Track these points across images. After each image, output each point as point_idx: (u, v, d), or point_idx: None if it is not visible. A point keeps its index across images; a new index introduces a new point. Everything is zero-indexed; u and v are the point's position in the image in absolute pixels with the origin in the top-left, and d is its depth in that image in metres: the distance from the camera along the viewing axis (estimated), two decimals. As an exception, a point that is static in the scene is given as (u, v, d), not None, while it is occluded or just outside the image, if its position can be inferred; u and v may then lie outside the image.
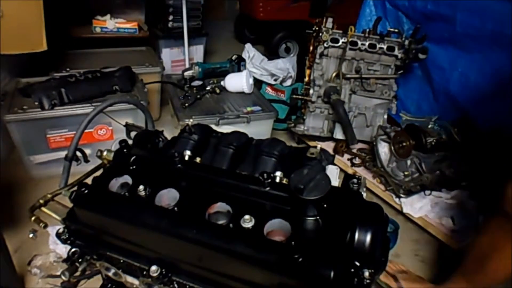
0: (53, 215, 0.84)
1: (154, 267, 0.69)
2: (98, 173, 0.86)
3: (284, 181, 0.72)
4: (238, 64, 2.35)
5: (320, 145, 0.83)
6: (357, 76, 1.92)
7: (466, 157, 1.60)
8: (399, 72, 1.95)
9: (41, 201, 0.86)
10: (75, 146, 1.03)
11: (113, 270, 0.80)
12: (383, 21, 2.10)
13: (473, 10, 1.67)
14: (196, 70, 2.26)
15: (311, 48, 2.00)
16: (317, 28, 1.93)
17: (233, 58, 2.36)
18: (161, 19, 2.89)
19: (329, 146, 2.05)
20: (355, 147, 2.02)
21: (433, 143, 1.57)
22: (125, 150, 0.86)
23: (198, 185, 0.76)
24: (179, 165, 0.78)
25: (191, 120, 0.95)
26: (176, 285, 0.73)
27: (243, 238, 0.64)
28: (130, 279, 0.80)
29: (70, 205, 0.78)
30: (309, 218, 0.65)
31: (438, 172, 1.61)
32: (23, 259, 1.43)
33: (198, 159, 0.83)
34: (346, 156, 2.00)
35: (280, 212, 0.68)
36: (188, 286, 0.72)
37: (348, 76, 1.94)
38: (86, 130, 1.08)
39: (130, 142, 0.90)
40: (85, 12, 2.82)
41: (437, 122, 1.74)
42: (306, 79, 2.06)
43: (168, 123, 2.34)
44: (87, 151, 1.11)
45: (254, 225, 0.65)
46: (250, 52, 2.66)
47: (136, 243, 0.73)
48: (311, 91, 1.97)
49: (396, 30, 1.92)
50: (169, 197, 0.74)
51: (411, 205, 1.64)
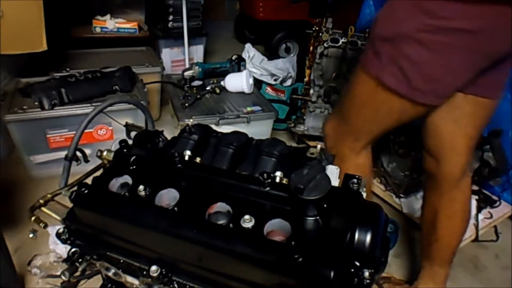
0: (53, 215, 0.84)
1: (154, 267, 0.69)
2: (98, 173, 0.86)
3: (284, 181, 0.72)
4: (238, 64, 2.35)
5: (320, 145, 0.83)
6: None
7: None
8: (399, 72, 1.95)
9: (41, 201, 0.86)
10: (75, 146, 1.03)
11: (113, 270, 0.80)
12: (383, 21, 2.10)
13: (473, 10, 1.67)
14: (196, 70, 2.26)
15: (311, 48, 2.00)
16: (317, 28, 1.93)
17: (233, 58, 2.36)
18: (161, 19, 2.89)
19: (329, 146, 2.05)
20: (355, 147, 2.01)
21: (433, 143, 1.57)
22: (125, 150, 0.86)
23: (198, 185, 0.76)
24: (179, 165, 0.78)
25: (191, 120, 0.95)
26: (176, 285, 0.73)
27: (243, 238, 0.64)
28: (130, 279, 0.80)
29: (70, 205, 0.78)
30: (309, 218, 0.65)
31: (438, 172, 1.61)
32: (23, 259, 1.43)
33: (198, 159, 0.83)
34: (346, 156, 2.00)
35: (280, 212, 0.68)
36: (188, 286, 0.72)
37: (348, 76, 1.95)
38: (86, 130, 1.08)
39: (130, 142, 0.90)
40: (85, 12, 2.82)
41: (437, 122, 1.74)
42: (306, 79, 2.06)
43: (168, 123, 2.34)
44: (87, 151, 1.11)
45: (254, 225, 0.65)
46: (250, 52, 2.66)
47: (136, 243, 0.73)
48: (311, 91, 1.97)
49: (396, 30, 1.91)
50: (169, 197, 0.73)
51: (411, 205, 1.64)
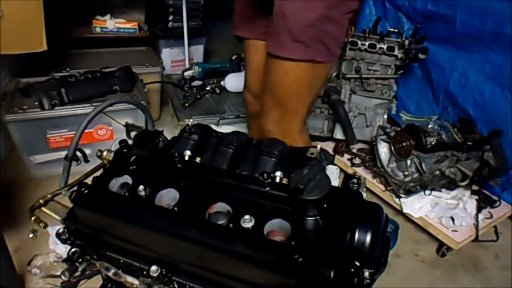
0: (53, 215, 0.84)
1: (154, 267, 0.69)
2: (98, 173, 0.86)
3: (284, 181, 0.72)
4: (238, 64, 2.36)
5: (320, 145, 0.83)
6: (357, 76, 1.92)
7: (466, 157, 1.60)
8: (399, 72, 1.95)
9: (41, 201, 0.86)
10: (75, 146, 1.03)
11: (113, 270, 0.80)
12: (383, 21, 2.10)
13: (473, 10, 1.67)
14: (196, 70, 2.26)
15: (311, 48, 2.00)
16: (317, 28, 1.93)
17: (233, 58, 2.37)
18: (161, 19, 2.89)
19: (329, 146, 2.05)
20: (355, 147, 2.02)
21: (433, 143, 1.57)
22: (125, 150, 0.86)
23: (198, 185, 0.76)
24: (179, 165, 0.78)
25: (191, 120, 0.95)
26: (176, 285, 0.73)
27: (243, 238, 0.64)
28: (130, 279, 0.80)
29: (70, 205, 0.78)
30: (309, 218, 0.65)
31: (438, 172, 1.61)
32: (23, 259, 1.43)
33: (198, 159, 0.83)
34: (346, 156, 2.00)
35: (280, 212, 0.68)
36: (188, 286, 0.72)
37: (348, 76, 1.95)
38: (86, 130, 1.08)
39: (130, 142, 0.90)
40: (85, 12, 2.81)
41: (437, 122, 1.74)
42: (306, 79, 2.06)
43: (168, 123, 2.34)
44: (87, 151, 1.11)
45: (254, 225, 0.65)
46: (250, 52, 2.65)
47: (136, 243, 0.73)
48: (311, 91, 1.97)
49: (396, 30, 1.92)
50: (169, 197, 0.73)
51: (411, 205, 1.64)
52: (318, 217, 0.65)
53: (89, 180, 0.80)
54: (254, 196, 0.71)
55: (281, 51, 1.14)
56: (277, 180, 0.72)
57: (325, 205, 0.66)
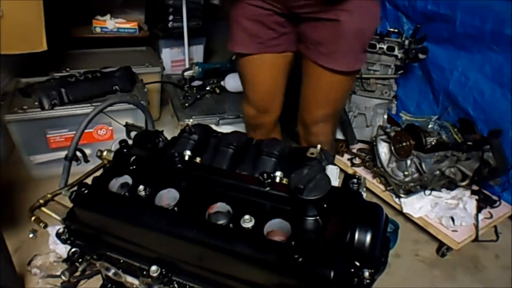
0: (53, 215, 0.84)
1: (154, 267, 0.69)
2: (98, 173, 0.86)
3: (284, 181, 0.72)
4: (238, 64, 2.35)
5: (320, 145, 0.83)
6: (357, 76, 1.92)
7: (466, 157, 1.60)
8: (399, 72, 1.95)
9: (41, 201, 0.86)
10: (75, 146, 1.03)
11: (113, 270, 0.80)
12: (383, 21, 2.11)
13: (473, 10, 1.67)
14: (196, 70, 2.26)
15: (311, 48, 2.00)
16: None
17: (233, 58, 2.36)
18: (161, 19, 2.89)
19: (329, 146, 2.05)
20: (355, 147, 2.02)
21: (433, 143, 1.57)
22: (125, 150, 0.86)
23: (198, 185, 0.76)
24: (179, 165, 0.78)
25: (191, 120, 0.95)
26: (176, 285, 0.73)
27: (243, 238, 0.64)
28: (130, 279, 0.80)
29: (70, 205, 0.78)
30: (309, 218, 0.65)
31: (438, 172, 1.61)
32: (23, 259, 1.43)
33: (198, 159, 0.83)
34: (346, 156, 2.00)
35: (280, 212, 0.68)
36: (188, 286, 0.72)
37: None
38: (86, 130, 1.08)
39: (130, 142, 0.90)
40: (85, 12, 2.81)
41: (437, 122, 1.74)
42: (306, 79, 2.06)
43: (168, 123, 2.34)
44: (87, 151, 1.11)
45: (254, 225, 0.65)
46: (250, 52, 2.65)
47: (136, 243, 0.73)
48: (311, 91, 1.97)
49: (396, 30, 1.92)
50: (169, 197, 0.74)
51: (411, 205, 1.64)
52: (318, 217, 0.65)
53: (89, 180, 0.80)
54: (254, 196, 0.72)
55: (355, 65, 1.22)
56: (277, 180, 0.72)
57: (325, 205, 0.66)
